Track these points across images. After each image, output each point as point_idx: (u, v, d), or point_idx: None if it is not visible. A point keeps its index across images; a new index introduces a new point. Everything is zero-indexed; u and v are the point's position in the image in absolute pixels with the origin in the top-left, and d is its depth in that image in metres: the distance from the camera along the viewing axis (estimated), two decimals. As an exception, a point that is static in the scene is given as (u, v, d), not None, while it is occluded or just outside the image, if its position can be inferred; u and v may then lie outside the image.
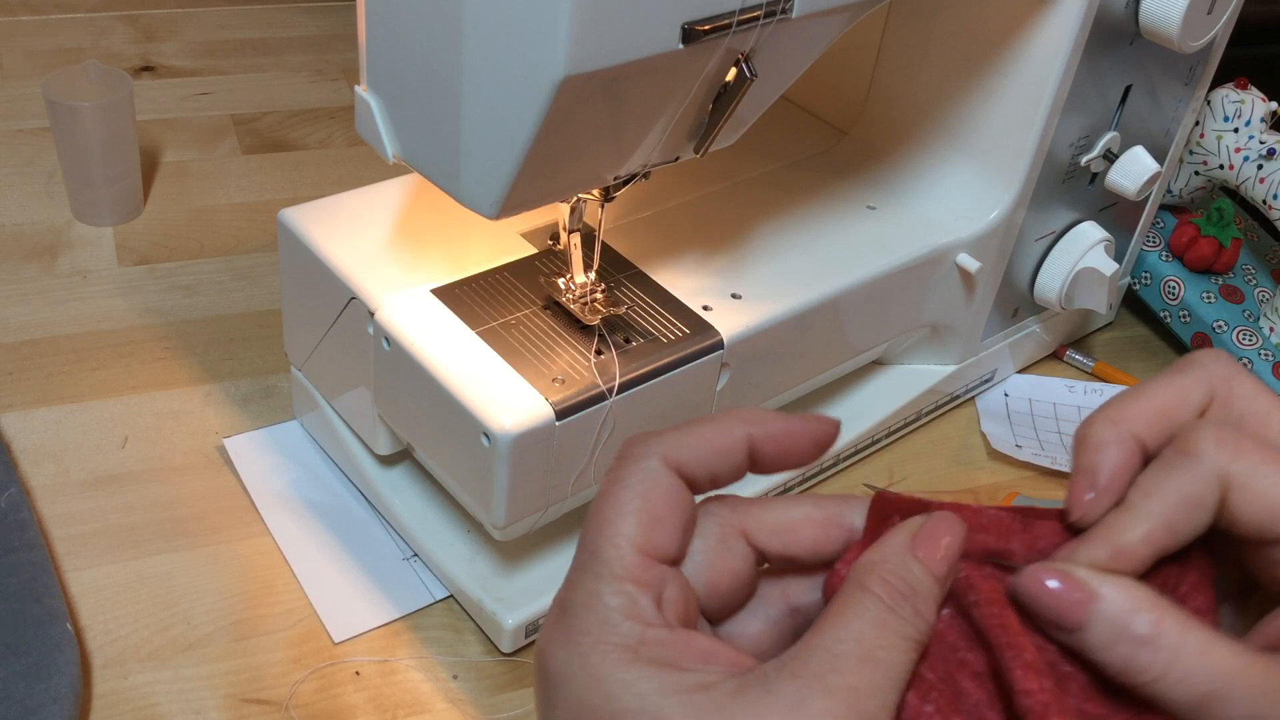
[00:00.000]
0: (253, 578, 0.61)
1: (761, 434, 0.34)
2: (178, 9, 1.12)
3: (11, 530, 0.59)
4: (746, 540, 0.34)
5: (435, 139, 0.49)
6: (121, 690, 0.56)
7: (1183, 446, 0.33)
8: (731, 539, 0.34)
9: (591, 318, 0.57)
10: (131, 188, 0.84)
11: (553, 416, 0.52)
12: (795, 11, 0.49)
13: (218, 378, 0.73)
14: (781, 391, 0.65)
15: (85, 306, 0.77)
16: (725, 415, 0.35)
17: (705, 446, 0.34)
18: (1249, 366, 0.79)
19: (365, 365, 0.59)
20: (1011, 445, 0.74)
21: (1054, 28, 0.64)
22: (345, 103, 1.01)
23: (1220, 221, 0.82)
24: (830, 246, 0.66)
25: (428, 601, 0.61)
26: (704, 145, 0.53)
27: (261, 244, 0.84)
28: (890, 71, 0.72)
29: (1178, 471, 0.33)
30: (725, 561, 0.34)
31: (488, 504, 0.54)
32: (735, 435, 0.34)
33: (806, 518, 0.34)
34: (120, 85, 0.81)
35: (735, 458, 0.34)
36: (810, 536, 0.34)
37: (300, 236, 0.61)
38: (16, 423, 0.68)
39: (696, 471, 0.34)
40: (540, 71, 0.43)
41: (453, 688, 0.58)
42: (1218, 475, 0.32)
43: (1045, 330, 0.81)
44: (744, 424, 0.34)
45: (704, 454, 0.34)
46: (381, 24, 0.49)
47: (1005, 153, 0.68)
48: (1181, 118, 0.77)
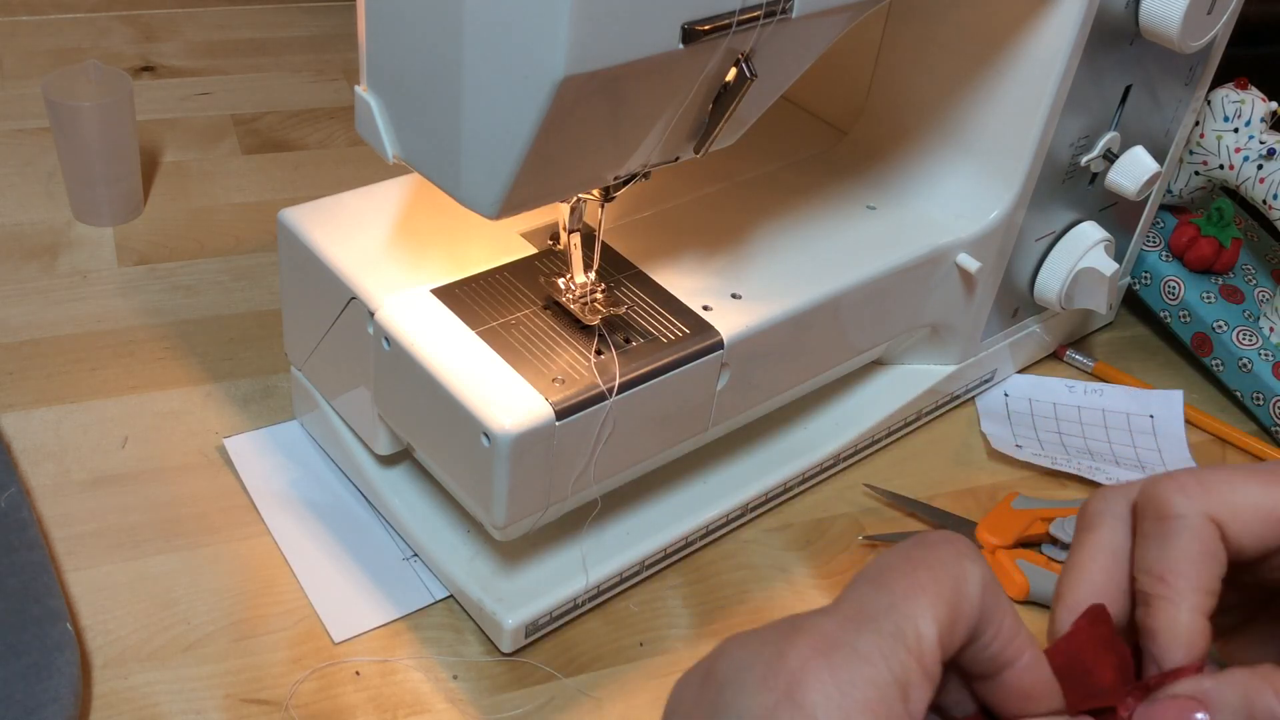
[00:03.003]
0: (253, 578, 0.61)
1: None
2: (178, 9, 1.12)
3: (11, 530, 0.59)
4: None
5: (435, 139, 0.49)
6: (121, 690, 0.56)
7: (1158, 513, 0.33)
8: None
9: (591, 318, 0.57)
10: (131, 188, 0.84)
11: (553, 416, 0.52)
12: (795, 11, 0.49)
13: (218, 378, 0.73)
14: (781, 391, 0.65)
15: (85, 306, 0.77)
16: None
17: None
18: (1249, 366, 0.79)
19: (365, 365, 0.59)
20: (1011, 445, 0.74)
21: (1054, 28, 0.64)
22: (345, 103, 1.01)
23: (1220, 221, 0.82)
24: (830, 246, 0.66)
25: (428, 601, 0.61)
26: (704, 145, 0.53)
27: (261, 244, 0.84)
28: (890, 71, 0.72)
29: (1172, 538, 0.33)
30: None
31: (488, 504, 0.54)
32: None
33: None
34: (120, 85, 0.81)
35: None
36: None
37: (300, 236, 0.61)
38: (16, 423, 0.68)
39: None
40: (540, 71, 0.43)
41: (453, 688, 0.58)
42: (1207, 518, 0.32)
43: (1045, 330, 0.81)
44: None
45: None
46: (381, 24, 0.49)
47: (1005, 153, 0.68)
48: (1181, 118, 0.77)
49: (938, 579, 0.30)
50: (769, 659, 0.29)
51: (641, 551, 0.62)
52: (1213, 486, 0.33)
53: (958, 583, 0.30)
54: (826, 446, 0.70)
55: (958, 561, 0.31)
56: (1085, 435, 0.77)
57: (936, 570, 0.30)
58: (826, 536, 0.68)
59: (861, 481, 0.71)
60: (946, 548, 0.31)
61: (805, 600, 0.64)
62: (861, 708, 0.28)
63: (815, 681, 0.28)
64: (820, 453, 0.69)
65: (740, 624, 0.62)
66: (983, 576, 0.31)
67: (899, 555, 0.31)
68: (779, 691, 0.28)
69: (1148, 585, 0.33)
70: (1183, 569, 0.32)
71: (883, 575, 0.30)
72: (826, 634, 0.29)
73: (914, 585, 0.30)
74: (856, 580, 0.31)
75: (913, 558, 0.31)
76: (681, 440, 0.60)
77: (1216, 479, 0.33)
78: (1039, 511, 0.68)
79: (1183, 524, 0.33)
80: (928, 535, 0.32)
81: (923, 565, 0.30)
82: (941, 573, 0.30)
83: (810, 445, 0.70)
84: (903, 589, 0.30)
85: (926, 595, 0.30)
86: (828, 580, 0.65)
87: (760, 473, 0.67)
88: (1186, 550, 0.32)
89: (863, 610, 0.29)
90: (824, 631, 0.29)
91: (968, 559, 0.31)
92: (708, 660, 0.31)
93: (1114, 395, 0.80)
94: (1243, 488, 0.33)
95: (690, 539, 0.64)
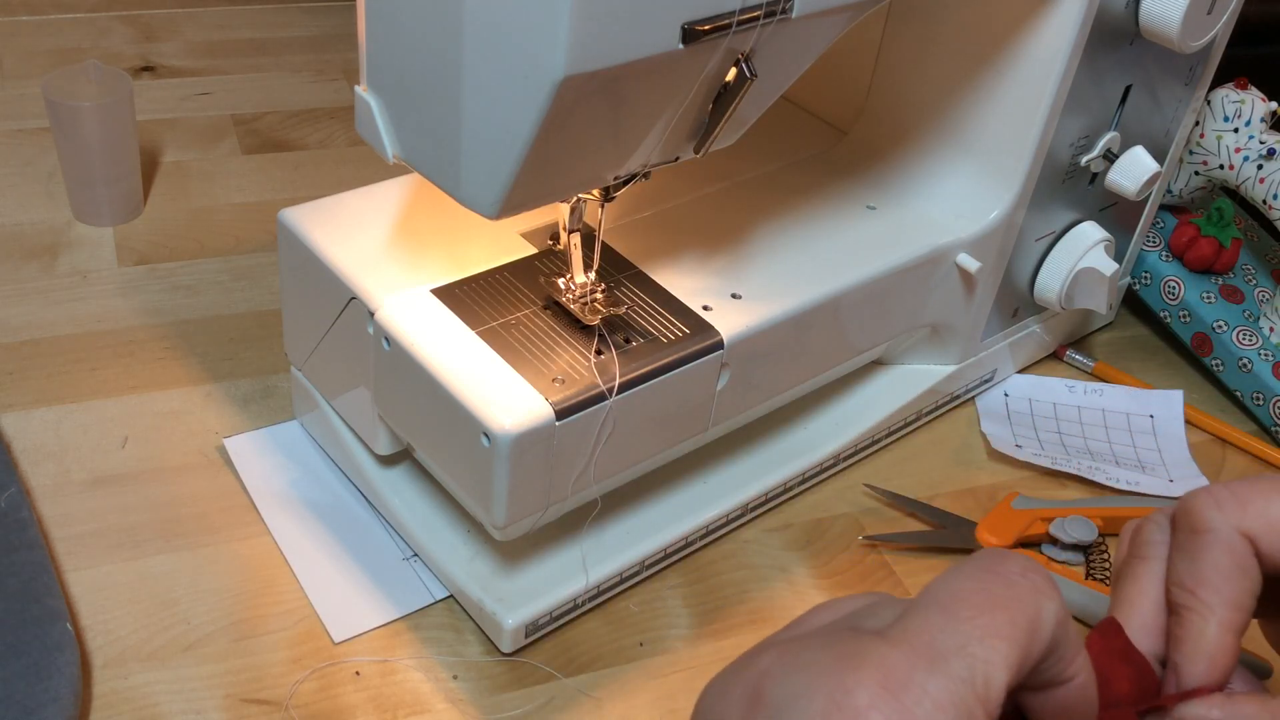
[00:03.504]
0: (253, 578, 0.61)
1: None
2: (178, 9, 1.12)
3: (11, 530, 0.59)
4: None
5: (435, 139, 0.49)
6: (121, 690, 0.56)
7: (1192, 526, 0.33)
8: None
9: (591, 318, 0.57)
10: (131, 188, 0.84)
11: (553, 416, 0.52)
12: (795, 11, 0.49)
13: (218, 378, 0.73)
14: (781, 391, 0.65)
15: (85, 306, 0.77)
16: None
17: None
18: (1249, 366, 0.79)
19: (365, 365, 0.59)
20: (1011, 445, 0.74)
21: (1054, 28, 0.64)
22: (345, 103, 1.01)
23: (1220, 221, 0.82)
24: (830, 246, 0.66)
25: (428, 601, 0.61)
26: (704, 145, 0.53)
27: (261, 244, 0.84)
28: (890, 71, 0.72)
29: (1205, 551, 0.33)
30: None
31: (488, 504, 0.54)
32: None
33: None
34: (120, 85, 0.81)
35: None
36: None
37: (300, 236, 0.61)
38: (16, 423, 0.68)
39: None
40: (540, 71, 0.43)
41: (453, 688, 0.58)
42: (1239, 533, 0.32)
43: (1045, 330, 0.81)
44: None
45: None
46: (381, 24, 0.49)
47: (1005, 153, 0.68)
48: (1181, 118, 0.77)
49: (1015, 623, 0.29)
50: (831, 691, 0.27)
51: (641, 551, 0.62)
52: (1248, 501, 0.33)
53: (1034, 624, 0.29)
54: (826, 446, 0.70)
55: (1035, 601, 0.29)
56: (1085, 435, 0.77)
57: (1014, 613, 0.29)
58: (826, 536, 0.68)
59: (861, 481, 0.71)
60: (1025, 585, 0.30)
61: (805, 600, 0.64)
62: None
63: (879, 715, 0.27)
64: (820, 453, 0.69)
65: (740, 624, 0.62)
66: (1057, 614, 0.30)
67: (974, 584, 0.30)
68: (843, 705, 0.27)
69: (1178, 597, 0.33)
70: (1213, 582, 0.32)
71: (956, 606, 0.29)
72: (895, 670, 0.28)
73: (991, 628, 0.28)
74: (925, 603, 0.29)
75: (991, 593, 0.29)
76: (681, 440, 0.60)
77: (1253, 493, 0.33)
78: (1039, 511, 0.68)
79: (1214, 538, 0.33)
80: (1005, 563, 0.30)
81: (1001, 605, 0.29)
82: (1019, 615, 0.29)
83: (810, 445, 0.70)
84: (979, 630, 0.28)
85: (1004, 641, 0.28)
86: (828, 580, 0.65)
87: (760, 473, 0.67)
88: (1217, 564, 0.32)
89: (934, 647, 0.28)
90: (892, 667, 0.28)
91: (1045, 597, 0.30)
92: (751, 676, 0.30)
93: (1114, 395, 0.80)
94: (1273, 503, 0.32)
95: (690, 539, 0.64)
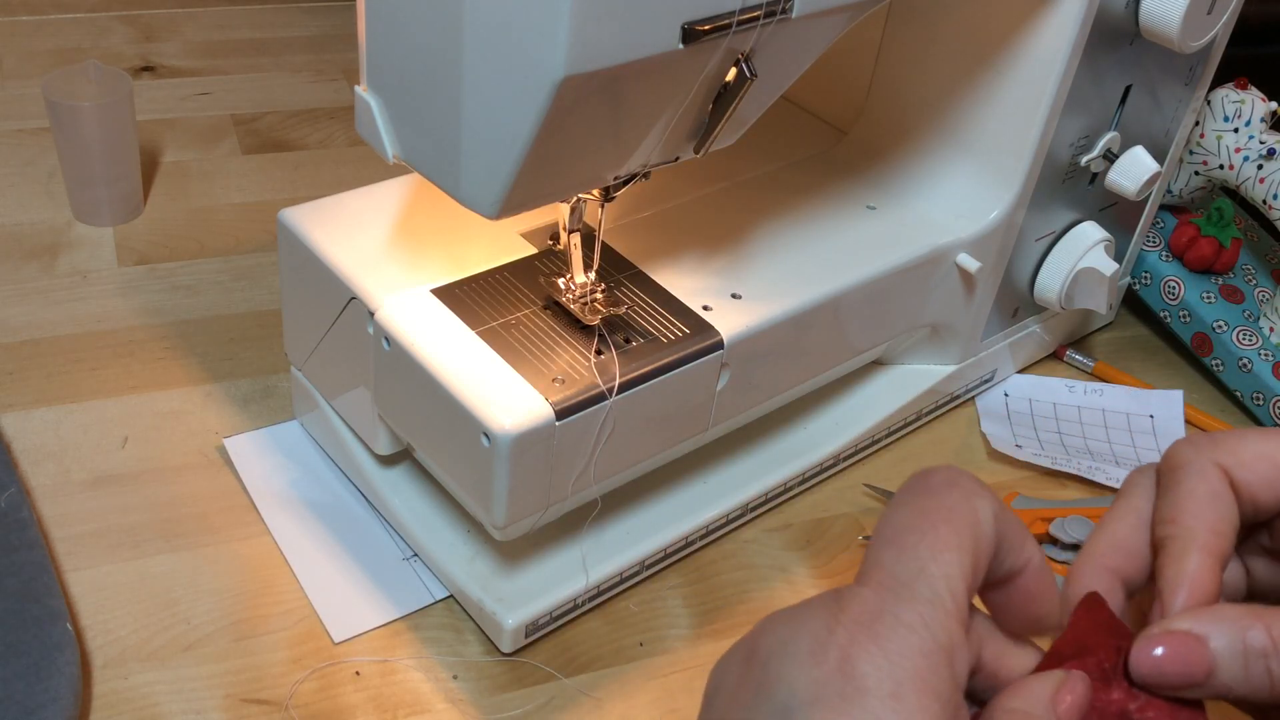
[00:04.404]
0: (253, 578, 0.61)
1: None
2: (178, 9, 1.12)
3: (11, 530, 0.59)
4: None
5: (435, 139, 0.49)
6: (121, 690, 0.56)
7: (1169, 466, 0.35)
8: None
9: (591, 318, 0.57)
10: (131, 188, 0.84)
11: (553, 416, 0.52)
12: (795, 11, 0.49)
13: (218, 378, 0.73)
14: (781, 391, 0.65)
15: (85, 306, 0.77)
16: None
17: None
18: (1249, 366, 0.79)
19: (365, 365, 0.59)
20: (1011, 445, 0.74)
21: (1054, 28, 0.64)
22: (345, 103, 1.01)
23: (1220, 221, 0.82)
24: (830, 246, 0.66)
25: (428, 601, 0.61)
26: (704, 145, 0.53)
27: (261, 244, 0.84)
28: (890, 71, 0.72)
29: (1181, 482, 0.34)
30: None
31: (488, 504, 0.54)
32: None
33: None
34: (120, 85, 0.81)
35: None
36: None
37: (300, 236, 0.61)
38: (16, 423, 0.68)
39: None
40: (540, 71, 0.43)
41: (453, 688, 0.58)
42: (1215, 464, 0.34)
43: (1045, 330, 0.81)
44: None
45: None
46: (381, 24, 0.49)
47: (1005, 153, 0.68)
48: (1181, 118, 0.77)
49: (957, 530, 0.30)
50: (815, 632, 0.29)
51: (641, 551, 0.62)
52: (1220, 440, 0.34)
53: (974, 527, 0.31)
54: (826, 446, 0.70)
55: (969, 505, 0.31)
56: (1085, 435, 0.77)
57: (954, 522, 0.30)
58: (826, 536, 0.68)
59: (861, 481, 0.71)
60: (953, 492, 0.31)
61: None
62: (912, 677, 0.28)
63: (864, 653, 0.28)
64: (820, 453, 0.69)
65: (740, 624, 0.62)
66: (993, 508, 0.31)
67: (909, 510, 0.31)
68: (829, 665, 0.28)
69: (1160, 531, 0.34)
70: (1190, 508, 0.33)
71: (901, 536, 0.31)
72: (866, 605, 0.29)
73: (938, 543, 0.30)
74: (877, 545, 0.31)
75: (926, 510, 0.31)
76: (681, 440, 0.60)
77: (1227, 435, 0.35)
78: (1039, 511, 0.68)
79: (1189, 469, 0.34)
80: (929, 479, 0.32)
81: (940, 520, 0.30)
82: (959, 523, 0.30)
83: (810, 445, 0.70)
84: (927, 549, 0.30)
85: (953, 552, 0.30)
86: (828, 580, 0.65)
87: (760, 473, 0.67)
88: (1193, 491, 0.34)
89: (895, 578, 0.30)
90: (863, 602, 0.29)
91: (976, 497, 0.31)
92: (748, 640, 0.31)
93: (1114, 395, 0.80)
94: (1250, 439, 0.34)
95: (690, 539, 0.64)
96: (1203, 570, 0.33)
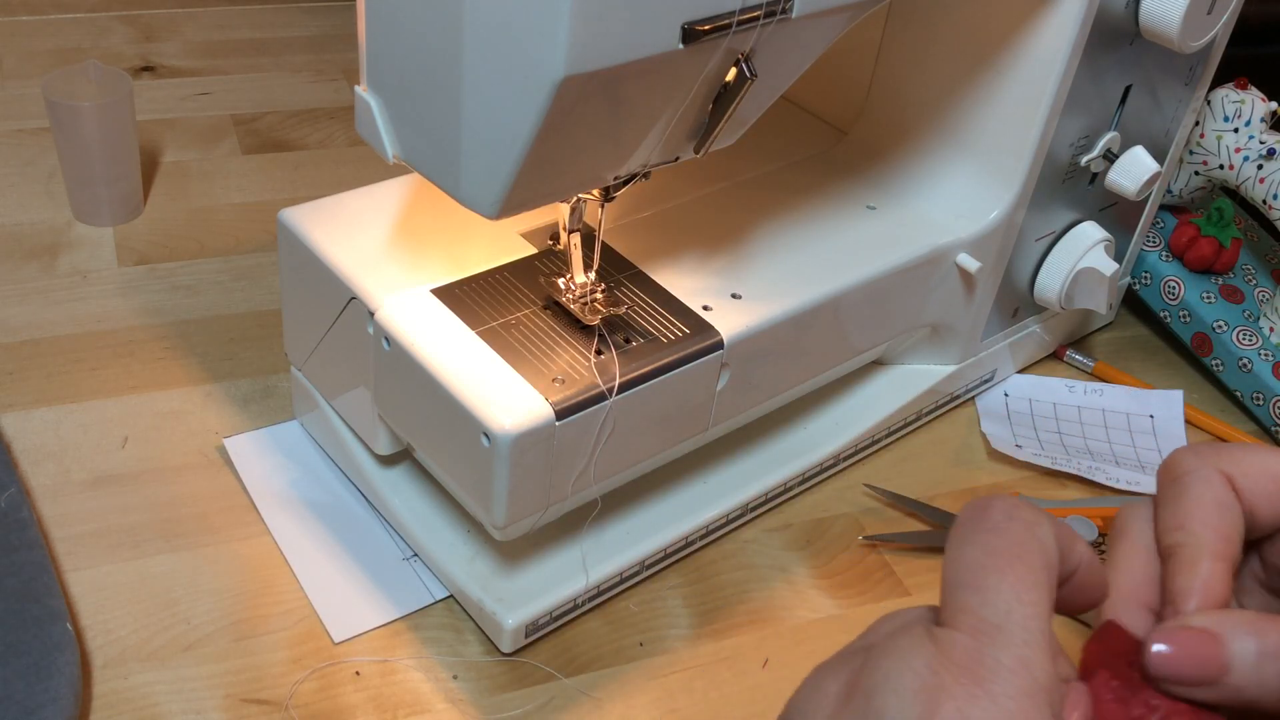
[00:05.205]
0: (253, 578, 0.61)
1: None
2: (178, 9, 1.12)
3: (11, 530, 0.59)
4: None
5: (435, 139, 0.49)
6: (121, 690, 0.56)
7: (1172, 474, 0.34)
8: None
9: (591, 318, 0.57)
10: (131, 188, 0.84)
11: (553, 416, 0.52)
12: (795, 11, 0.49)
13: (218, 378, 0.73)
14: (781, 391, 0.65)
15: (85, 306, 0.77)
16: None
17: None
18: (1249, 366, 0.79)
19: (365, 365, 0.59)
20: (1011, 445, 0.74)
21: (1054, 28, 0.64)
22: (345, 103, 1.01)
23: (1220, 221, 0.82)
24: (830, 246, 0.66)
25: (428, 601, 0.61)
26: (704, 145, 0.53)
27: (261, 244, 0.84)
28: (890, 71, 0.72)
29: (1188, 488, 0.34)
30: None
31: (488, 504, 0.54)
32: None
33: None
34: (120, 85, 0.81)
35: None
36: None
37: (300, 236, 0.61)
38: (16, 423, 0.68)
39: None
40: (540, 71, 0.43)
41: (453, 688, 0.58)
42: (1220, 471, 0.33)
43: (1045, 330, 0.81)
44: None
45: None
46: (381, 24, 0.49)
47: (1005, 153, 0.68)
48: (1181, 118, 0.77)
49: (1032, 567, 0.31)
50: (919, 671, 0.30)
51: (641, 551, 0.62)
52: (1222, 450, 0.34)
53: (1045, 558, 0.31)
54: (826, 446, 0.70)
55: (1032, 536, 0.31)
56: (1085, 435, 0.77)
57: (1025, 556, 0.31)
58: (826, 536, 0.68)
59: (861, 481, 0.71)
60: (1016, 525, 0.31)
61: (805, 600, 0.64)
62: (1016, 718, 0.28)
63: (970, 697, 0.29)
64: (820, 453, 0.69)
65: (740, 624, 0.62)
66: (1054, 532, 0.31)
67: (979, 549, 0.31)
68: (935, 707, 0.29)
69: (1167, 538, 0.34)
70: (1198, 514, 0.33)
71: (978, 578, 0.31)
72: (969, 650, 0.30)
73: (1019, 584, 0.30)
74: (953, 588, 0.31)
75: (995, 550, 0.31)
76: (681, 440, 0.60)
77: (1227, 445, 0.35)
78: (1039, 511, 0.68)
79: (1195, 476, 0.34)
80: (989, 514, 0.32)
81: (1012, 556, 0.31)
82: (1031, 557, 0.31)
83: (810, 445, 0.70)
84: (1009, 589, 0.30)
85: (1033, 589, 0.30)
86: (828, 580, 0.65)
87: (760, 473, 0.67)
88: (1200, 497, 0.33)
89: (987, 621, 0.30)
90: (963, 647, 0.30)
91: (1037, 527, 0.31)
92: (844, 670, 0.32)
93: (1114, 395, 0.80)
94: (1253, 452, 0.34)
95: (690, 539, 0.64)
96: (1215, 575, 0.32)
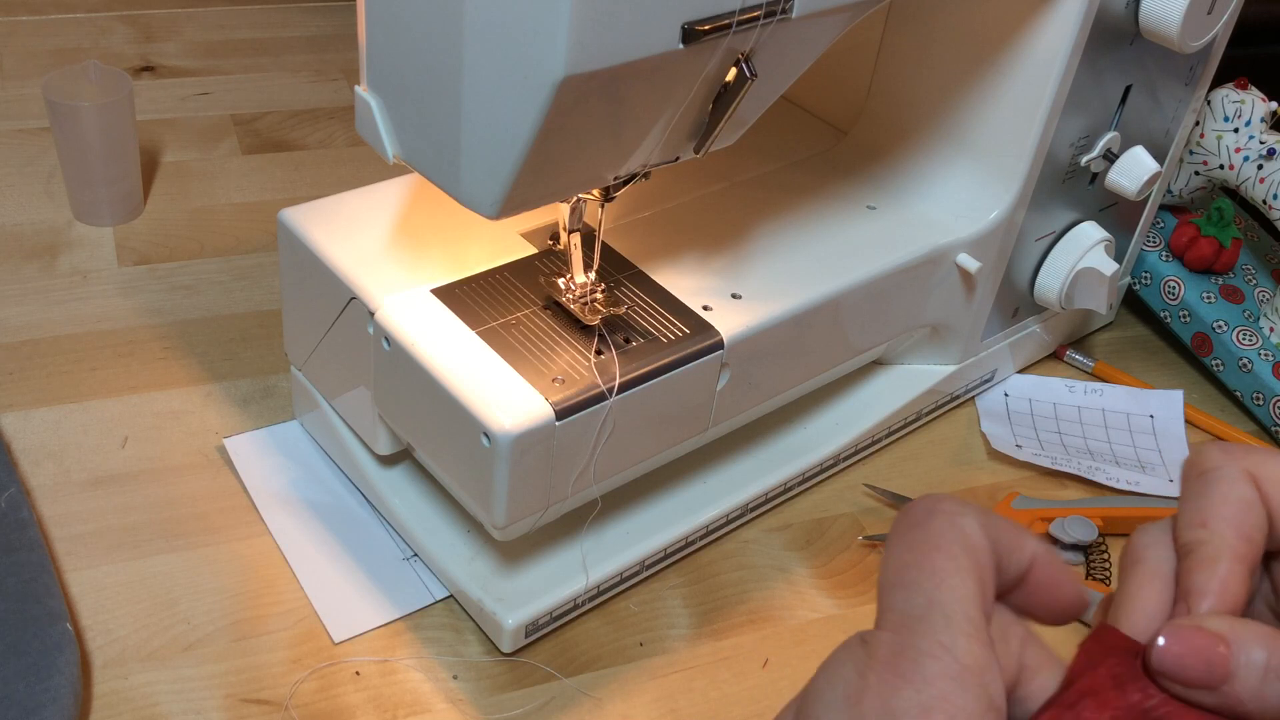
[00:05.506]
0: (253, 578, 0.61)
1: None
2: (178, 9, 1.12)
3: (11, 530, 0.59)
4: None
5: (435, 139, 0.49)
6: (121, 690, 0.56)
7: (1198, 471, 0.34)
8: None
9: (591, 318, 0.57)
10: (131, 188, 0.84)
11: (553, 416, 0.52)
12: (795, 11, 0.49)
13: (218, 378, 0.73)
14: (781, 391, 0.65)
15: (85, 306, 0.77)
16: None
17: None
18: (1249, 366, 0.79)
19: (365, 365, 0.59)
20: (1011, 445, 0.74)
21: (1054, 28, 0.64)
22: (345, 103, 1.01)
23: (1220, 221, 0.82)
24: (830, 246, 0.66)
25: (428, 601, 0.61)
26: (704, 145, 0.53)
27: (261, 244, 0.84)
28: (890, 71, 0.72)
29: (1213, 485, 0.33)
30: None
31: (488, 504, 0.54)
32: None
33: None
34: (120, 85, 0.81)
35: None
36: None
37: (300, 236, 0.61)
38: (16, 423, 0.68)
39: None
40: (540, 71, 0.43)
41: (453, 688, 0.58)
42: (1246, 471, 0.33)
43: (1045, 330, 0.81)
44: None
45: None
46: (381, 24, 0.49)
47: (1005, 153, 0.68)
48: (1181, 118, 0.77)
49: (951, 554, 0.31)
50: (847, 678, 0.30)
51: (641, 551, 0.62)
52: (1253, 451, 0.33)
53: (966, 545, 0.31)
54: (826, 446, 0.70)
55: (953, 525, 0.31)
56: (1085, 435, 0.77)
57: (944, 546, 0.31)
58: (826, 536, 0.68)
59: (861, 481, 0.71)
60: (936, 519, 0.32)
61: (805, 600, 0.64)
62: (940, 700, 0.29)
63: (893, 691, 0.29)
64: (820, 453, 0.69)
65: (740, 624, 0.62)
66: (979, 523, 0.32)
67: (903, 548, 0.31)
68: (863, 708, 0.29)
69: (1187, 535, 0.33)
70: (1222, 512, 0.33)
71: (902, 575, 0.31)
72: (890, 646, 0.30)
73: (938, 574, 0.30)
74: (883, 591, 0.31)
75: (915, 544, 0.31)
76: (681, 440, 0.60)
77: (1256, 448, 0.34)
78: (1039, 511, 0.68)
79: (1221, 473, 0.33)
80: (910, 514, 0.32)
81: (930, 550, 0.31)
82: (950, 545, 0.31)
83: (810, 445, 0.70)
84: (928, 579, 0.30)
85: (952, 575, 0.30)
86: (828, 580, 0.65)
87: (760, 473, 0.67)
88: (1225, 495, 0.33)
89: (908, 615, 0.30)
90: (887, 643, 0.30)
91: (957, 516, 0.31)
92: (796, 700, 0.32)
93: (1114, 395, 0.80)
94: (1276, 458, 0.33)
95: (690, 539, 0.64)
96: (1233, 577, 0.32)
